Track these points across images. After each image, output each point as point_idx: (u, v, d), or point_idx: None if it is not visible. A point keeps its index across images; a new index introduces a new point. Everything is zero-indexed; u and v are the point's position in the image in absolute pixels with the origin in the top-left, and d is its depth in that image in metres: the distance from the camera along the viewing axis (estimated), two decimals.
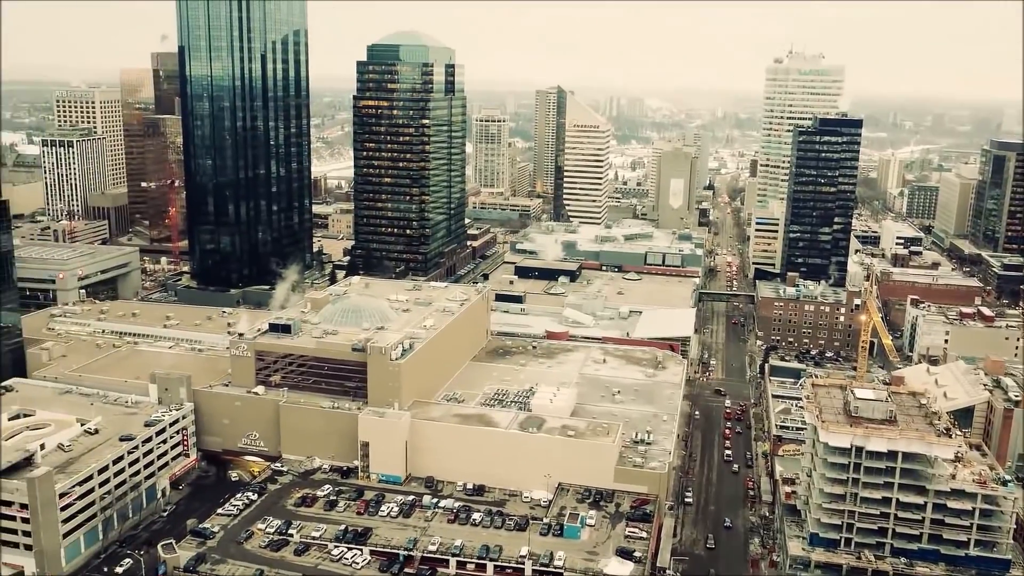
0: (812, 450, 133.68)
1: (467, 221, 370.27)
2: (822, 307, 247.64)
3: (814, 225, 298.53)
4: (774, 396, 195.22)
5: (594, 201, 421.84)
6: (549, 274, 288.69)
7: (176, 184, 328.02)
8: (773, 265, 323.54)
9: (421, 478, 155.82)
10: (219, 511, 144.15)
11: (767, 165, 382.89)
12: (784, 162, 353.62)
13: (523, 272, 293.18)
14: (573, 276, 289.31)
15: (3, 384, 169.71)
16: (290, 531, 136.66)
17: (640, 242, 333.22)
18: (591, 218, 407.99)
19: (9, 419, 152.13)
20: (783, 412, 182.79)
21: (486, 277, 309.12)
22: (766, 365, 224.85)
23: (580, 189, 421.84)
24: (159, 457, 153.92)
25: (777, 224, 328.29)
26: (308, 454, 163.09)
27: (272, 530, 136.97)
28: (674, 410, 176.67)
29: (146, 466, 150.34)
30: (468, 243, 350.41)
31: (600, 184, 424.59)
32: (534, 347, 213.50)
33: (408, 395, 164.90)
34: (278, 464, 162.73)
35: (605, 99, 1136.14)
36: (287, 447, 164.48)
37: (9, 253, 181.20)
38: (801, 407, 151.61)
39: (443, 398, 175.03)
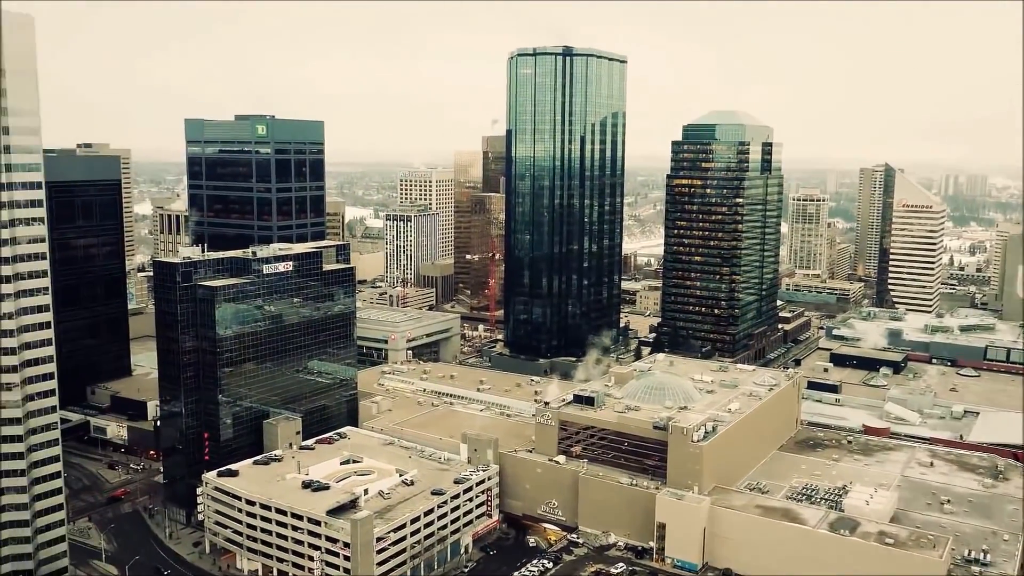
0: None
1: (779, 303, 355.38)
2: None
3: None
4: None
5: (924, 287, 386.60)
6: (869, 364, 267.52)
7: (496, 257, 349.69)
8: None
9: (718, 569, 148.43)
10: (515, 574, 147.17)
11: None
12: None
13: (839, 360, 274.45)
14: (897, 368, 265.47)
15: (339, 431, 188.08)
16: None
17: (979, 334, 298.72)
18: (920, 306, 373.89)
19: (341, 463, 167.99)
20: None
21: (798, 363, 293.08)
22: None
23: (908, 274, 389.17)
24: (464, 514, 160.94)
25: None
26: (604, 528, 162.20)
27: None
28: (1017, 529, 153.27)
29: (452, 521, 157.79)
30: (779, 326, 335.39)
31: (932, 269, 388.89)
32: (849, 442, 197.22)
33: (709, 479, 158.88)
34: (574, 535, 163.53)
35: (939, 177, 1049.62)
36: (584, 519, 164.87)
37: (352, 314, 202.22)
38: None
39: (746, 487, 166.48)
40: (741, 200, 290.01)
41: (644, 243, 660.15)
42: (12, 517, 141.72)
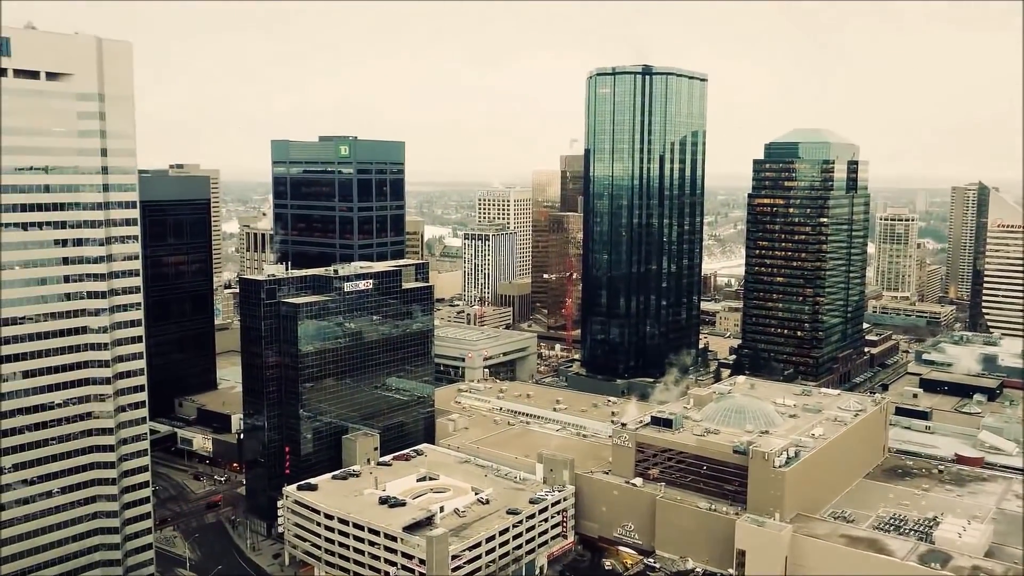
0: None
1: (866, 326, 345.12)
2: None
3: None
4: None
5: (1021, 310, 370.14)
6: (962, 390, 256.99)
7: (574, 276, 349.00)
8: None
9: None
10: None
11: None
12: None
13: (930, 385, 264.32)
14: (992, 395, 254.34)
15: (416, 448, 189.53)
16: None
17: None
18: (1017, 330, 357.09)
19: (417, 480, 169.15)
20: None
21: (885, 388, 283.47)
22: None
23: (1004, 296, 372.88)
24: (540, 535, 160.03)
25: None
26: (682, 554, 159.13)
27: None
28: None
29: (528, 541, 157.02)
30: (866, 349, 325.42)
31: None
32: (940, 471, 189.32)
33: (791, 506, 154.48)
34: (651, 560, 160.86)
35: None
36: (661, 543, 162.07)
37: (430, 332, 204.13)
38: None
39: (830, 515, 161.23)
40: (826, 220, 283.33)
41: (724, 263, 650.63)
42: (103, 524, 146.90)
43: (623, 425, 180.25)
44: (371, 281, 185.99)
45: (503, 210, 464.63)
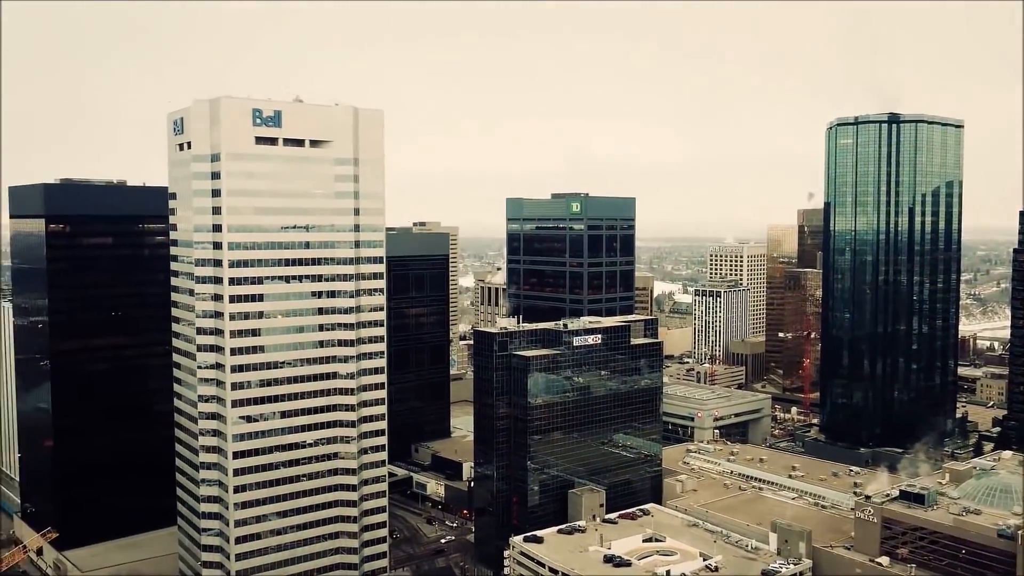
0: None
1: None
2: None
3: None
4: None
5: None
6: None
7: (812, 336, 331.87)
8: None
9: None
10: None
11: None
12: None
13: None
14: None
15: (642, 507, 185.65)
16: None
17: None
18: None
19: (643, 540, 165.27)
20: None
21: None
22: None
23: None
24: None
25: None
26: None
27: None
28: None
29: None
30: None
31: None
32: None
33: None
34: None
35: None
36: None
37: (659, 389, 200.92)
38: None
39: None
40: None
41: (985, 325, 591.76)
42: (344, 559, 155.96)
43: (867, 498, 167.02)
44: (600, 336, 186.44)
45: (735, 266, 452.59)
